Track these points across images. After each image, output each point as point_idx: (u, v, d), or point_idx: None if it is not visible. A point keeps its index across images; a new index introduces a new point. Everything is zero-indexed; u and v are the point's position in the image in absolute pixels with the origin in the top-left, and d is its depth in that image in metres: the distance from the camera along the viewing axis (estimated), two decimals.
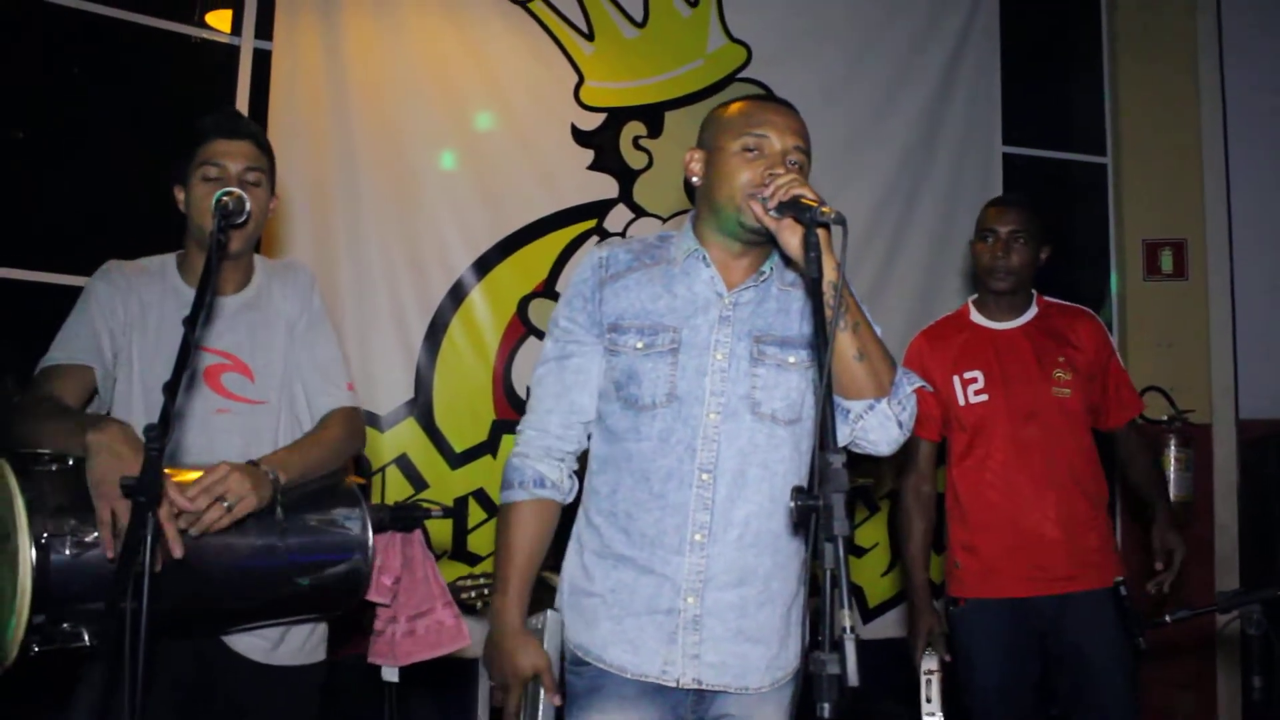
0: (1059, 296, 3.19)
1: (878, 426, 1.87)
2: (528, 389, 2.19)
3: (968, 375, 3.01)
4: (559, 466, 2.00)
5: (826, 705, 1.30)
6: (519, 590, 1.94)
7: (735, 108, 2.01)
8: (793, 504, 1.39)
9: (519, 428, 2.05)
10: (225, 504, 1.85)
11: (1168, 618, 2.43)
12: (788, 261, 1.95)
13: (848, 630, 1.29)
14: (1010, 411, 2.95)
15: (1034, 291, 3.11)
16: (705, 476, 1.90)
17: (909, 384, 1.91)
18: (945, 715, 2.80)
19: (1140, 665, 2.61)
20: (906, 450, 3.07)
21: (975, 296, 3.16)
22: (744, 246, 1.97)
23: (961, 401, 3.00)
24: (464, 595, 2.97)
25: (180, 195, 2.17)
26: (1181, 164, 4.72)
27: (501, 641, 1.92)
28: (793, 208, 1.73)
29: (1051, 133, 4.92)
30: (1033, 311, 3.08)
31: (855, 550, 4.32)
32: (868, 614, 4.33)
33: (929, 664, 2.87)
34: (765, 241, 1.95)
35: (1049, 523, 2.88)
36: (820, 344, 1.53)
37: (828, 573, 1.32)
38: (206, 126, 2.14)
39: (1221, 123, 4.73)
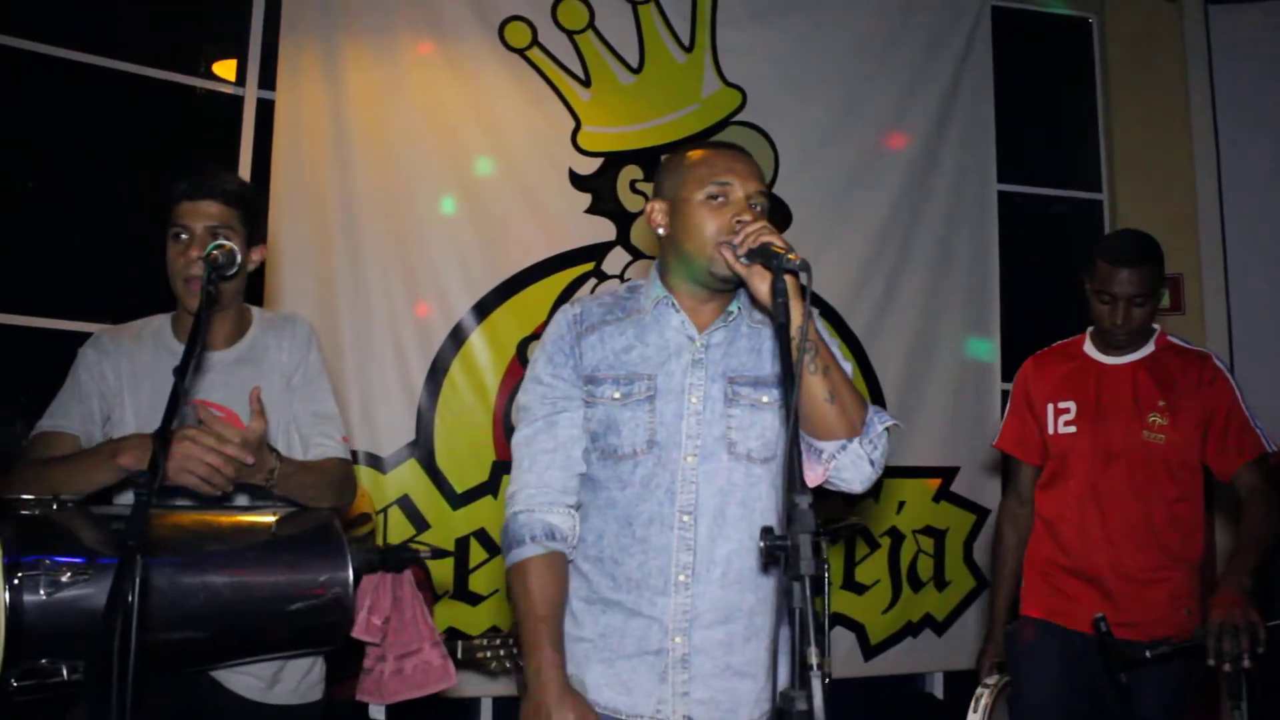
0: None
1: (850, 466, 1.89)
2: None
3: (1062, 404, 2.93)
4: (569, 515, 1.98)
5: None
6: (555, 645, 1.90)
7: (694, 157, 2.00)
8: (762, 544, 1.42)
9: (512, 488, 2.01)
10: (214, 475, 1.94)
11: (1148, 653, 2.44)
12: (756, 302, 1.96)
13: (814, 669, 1.32)
14: (1094, 448, 2.86)
15: (1156, 327, 2.93)
16: (686, 518, 1.93)
17: (880, 422, 1.92)
18: None
19: (1129, 700, 2.59)
20: (1008, 473, 3.08)
21: (1093, 328, 3.00)
22: (711, 293, 2.01)
23: (1050, 429, 2.94)
24: (480, 654, 2.93)
25: None
26: (1176, 199, 4.76)
27: (546, 699, 1.85)
28: (761, 255, 1.76)
29: (1046, 170, 4.97)
30: (1148, 349, 2.90)
31: (856, 588, 4.33)
32: (869, 651, 4.33)
33: (988, 679, 2.91)
34: (735, 288, 1.99)
35: (1111, 566, 2.80)
36: (788, 388, 1.56)
37: (796, 611, 1.35)
38: (176, 188, 2.19)
39: (1215, 158, 4.77)
